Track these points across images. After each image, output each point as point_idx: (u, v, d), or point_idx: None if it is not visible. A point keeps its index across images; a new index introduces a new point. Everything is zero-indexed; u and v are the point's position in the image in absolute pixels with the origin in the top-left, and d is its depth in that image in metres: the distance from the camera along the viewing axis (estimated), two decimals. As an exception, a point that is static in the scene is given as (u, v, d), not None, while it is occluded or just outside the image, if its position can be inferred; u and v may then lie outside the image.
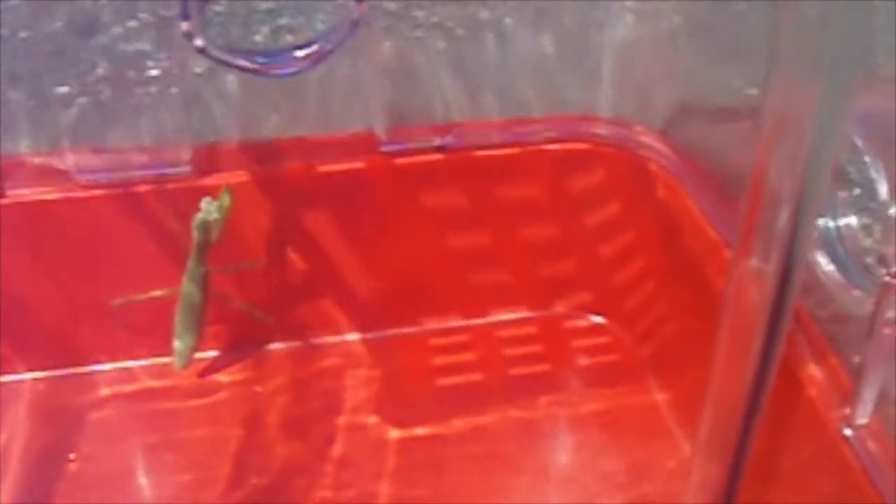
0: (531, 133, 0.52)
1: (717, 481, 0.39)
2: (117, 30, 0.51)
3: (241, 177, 0.50)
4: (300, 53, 0.46)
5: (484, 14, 0.54)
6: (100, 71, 0.51)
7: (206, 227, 0.49)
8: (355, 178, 0.51)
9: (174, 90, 0.50)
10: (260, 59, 0.46)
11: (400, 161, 0.51)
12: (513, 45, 0.54)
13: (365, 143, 0.51)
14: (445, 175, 0.52)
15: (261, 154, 0.51)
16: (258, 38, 0.53)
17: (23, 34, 0.50)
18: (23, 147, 0.52)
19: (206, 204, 0.48)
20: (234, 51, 0.45)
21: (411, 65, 0.53)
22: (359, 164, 0.51)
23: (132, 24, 0.50)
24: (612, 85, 0.53)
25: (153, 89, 0.51)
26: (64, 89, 0.51)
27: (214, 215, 0.48)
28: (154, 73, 0.50)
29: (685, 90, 0.54)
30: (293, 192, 0.51)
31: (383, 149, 0.51)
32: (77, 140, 0.52)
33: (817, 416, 0.40)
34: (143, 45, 0.51)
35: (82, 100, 0.52)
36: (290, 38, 0.53)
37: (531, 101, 0.54)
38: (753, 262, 0.32)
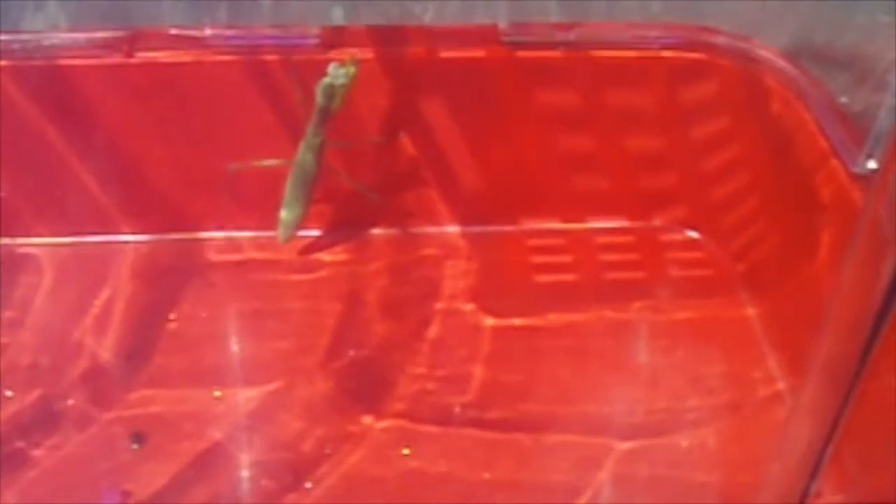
0: (650, 38, 0.52)
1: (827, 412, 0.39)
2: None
3: (365, 54, 0.51)
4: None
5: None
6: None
7: (330, 91, 0.49)
8: (474, 67, 0.52)
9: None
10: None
11: (520, 54, 0.52)
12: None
13: (487, 35, 0.52)
14: (561, 73, 0.52)
15: (386, 37, 0.52)
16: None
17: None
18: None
19: (333, 69, 0.49)
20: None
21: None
22: (479, 53, 0.51)
23: None
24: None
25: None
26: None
27: (341, 80, 0.49)
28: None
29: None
30: (413, 76, 0.52)
31: (505, 40, 0.51)
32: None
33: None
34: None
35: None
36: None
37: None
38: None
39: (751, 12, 0.56)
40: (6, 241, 0.55)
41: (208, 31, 0.51)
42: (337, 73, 0.49)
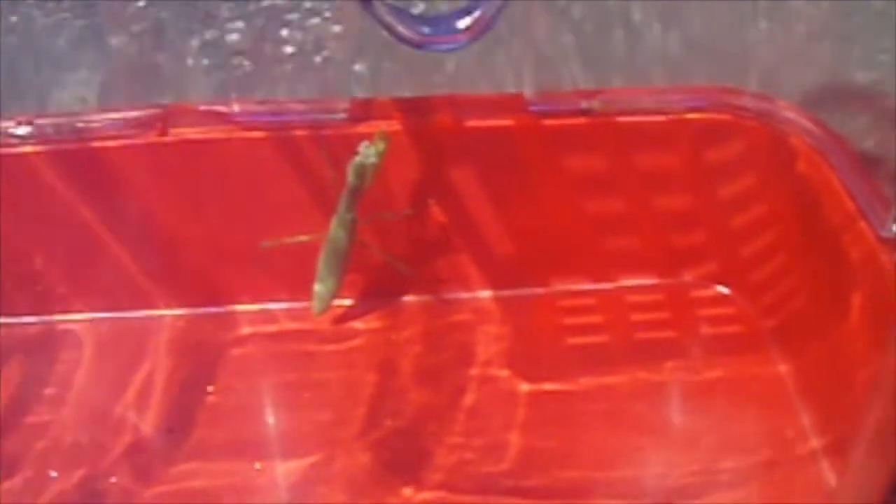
0: (674, 102, 0.53)
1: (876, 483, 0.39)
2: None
3: (393, 126, 0.52)
4: (461, 24, 0.47)
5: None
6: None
7: (362, 171, 0.50)
8: (501, 136, 0.53)
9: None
10: (425, 30, 0.47)
11: (546, 122, 0.52)
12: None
13: (513, 103, 0.53)
14: (587, 138, 0.53)
15: (413, 108, 0.53)
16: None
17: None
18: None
19: (363, 147, 0.50)
20: (399, 11, 0.46)
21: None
22: (506, 122, 0.52)
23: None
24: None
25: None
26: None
27: (372, 160, 0.50)
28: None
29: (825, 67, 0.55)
30: (440, 145, 0.52)
31: (531, 109, 0.52)
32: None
33: None
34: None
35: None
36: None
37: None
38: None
39: (770, 57, 0.56)
40: (45, 318, 0.55)
41: (236, 107, 0.52)
42: (367, 153, 0.50)
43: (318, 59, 0.57)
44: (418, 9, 0.57)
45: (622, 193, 0.55)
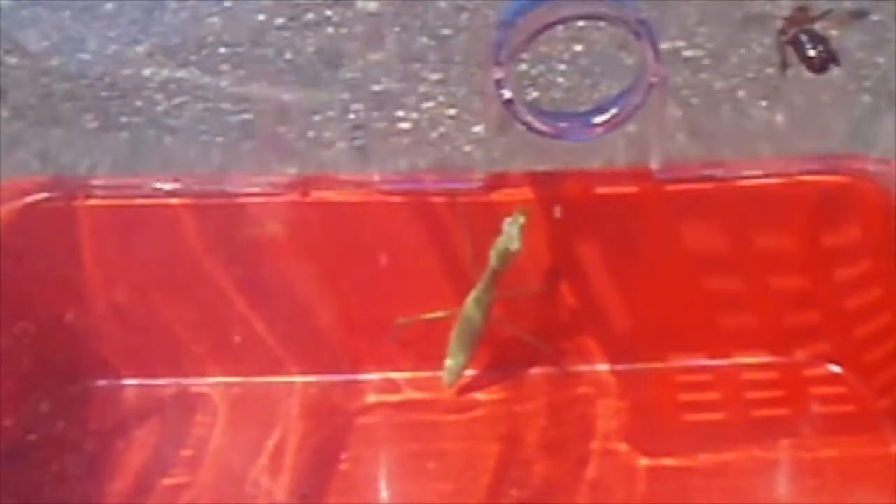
0: (794, 171, 0.54)
1: None
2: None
3: (526, 194, 0.54)
4: (598, 119, 0.49)
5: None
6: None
7: (505, 255, 0.52)
8: (627, 204, 0.54)
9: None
10: (561, 124, 0.49)
11: (670, 188, 0.54)
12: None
13: (640, 174, 0.54)
14: (709, 204, 0.54)
15: (543, 180, 0.54)
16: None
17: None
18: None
19: (507, 226, 0.52)
20: (538, 110, 0.48)
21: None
22: (632, 189, 0.54)
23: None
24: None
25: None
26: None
27: (515, 245, 0.52)
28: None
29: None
30: (569, 218, 0.54)
31: (656, 176, 0.54)
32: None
33: None
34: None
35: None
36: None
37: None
38: None
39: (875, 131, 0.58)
40: (181, 380, 0.58)
41: (376, 178, 0.54)
42: (512, 235, 0.51)
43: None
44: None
45: (739, 271, 0.56)
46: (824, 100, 0.61)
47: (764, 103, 0.67)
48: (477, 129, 0.58)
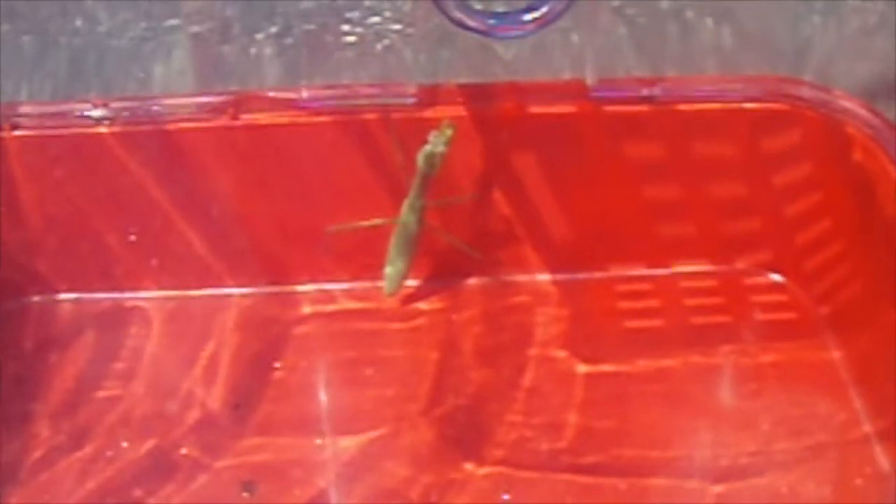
0: (733, 90, 0.54)
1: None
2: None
3: (459, 111, 0.53)
4: (528, 17, 0.48)
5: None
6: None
7: (432, 159, 0.52)
8: (563, 122, 0.54)
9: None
10: (490, 21, 0.48)
11: (607, 108, 0.53)
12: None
13: (575, 90, 0.54)
14: (647, 125, 0.54)
15: (477, 94, 0.54)
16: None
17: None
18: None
19: (433, 136, 0.51)
20: (468, 8, 0.48)
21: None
22: (568, 108, 0.53)
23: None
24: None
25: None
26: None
27: (441, 148, 0.51)
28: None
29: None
30: (503, 131, 0.54)
31: (592, 95, 0.53)
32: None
33: None
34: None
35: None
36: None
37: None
38: None
39: (825, 50, 0.57)
40: (116, 294, 0.57)
41: (305, 94, 0.54)
42: (437, 141, 0.51)
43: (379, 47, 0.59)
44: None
45: (679, 181, 0.56)
46: (773, 21, 0.60)
47: (711, 23, 0.66)
48: (420, 42, 0.57)
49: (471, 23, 0.48)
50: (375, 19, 0.58)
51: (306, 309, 0.57)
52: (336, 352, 0.55)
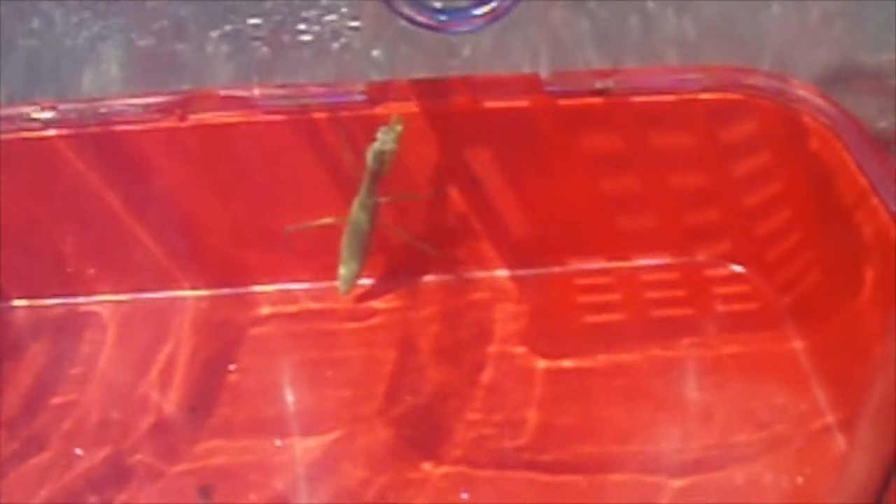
0: (687, 81, 0.53)
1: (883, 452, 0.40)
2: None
3: (410, 107, 0.52)
4: (478, 11, 0.48)
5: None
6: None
7: (381, 156, 0.51)
8: (518, 117, 0.53)
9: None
10: (441, 17, 0.48)
11: (561, 102, 0.53)
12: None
13: (529, 84, 0.53)
14: (603, 118, 0.53)
15: (429, 90, 0.53)
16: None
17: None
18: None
19: (381, 133, 0.51)
20: (418, 4, 0.47)
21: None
22: (522, 103, 0.53)
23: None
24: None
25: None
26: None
27: (390, 145, 0.51)
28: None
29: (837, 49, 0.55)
30: (457, 127, 0.53)
31: (547, 89, 0.53)
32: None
33: None
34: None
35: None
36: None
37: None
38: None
39: (783, 38, 0.57)
40: (70, 300, 0.56)
41: (256, 92, 0.53)
42: (385, 138, 0.51)
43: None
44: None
45: (637, 173, 0.55)
46: (734, 10, 0.60)
47: (671, 13, 0.66)
48: (377, 40, 0.56)
49: (420, 18, 0.47)
50: (332, 17, 0.57)
51: (264, 310, 0.56)
52: (293, 353, 0.54)
